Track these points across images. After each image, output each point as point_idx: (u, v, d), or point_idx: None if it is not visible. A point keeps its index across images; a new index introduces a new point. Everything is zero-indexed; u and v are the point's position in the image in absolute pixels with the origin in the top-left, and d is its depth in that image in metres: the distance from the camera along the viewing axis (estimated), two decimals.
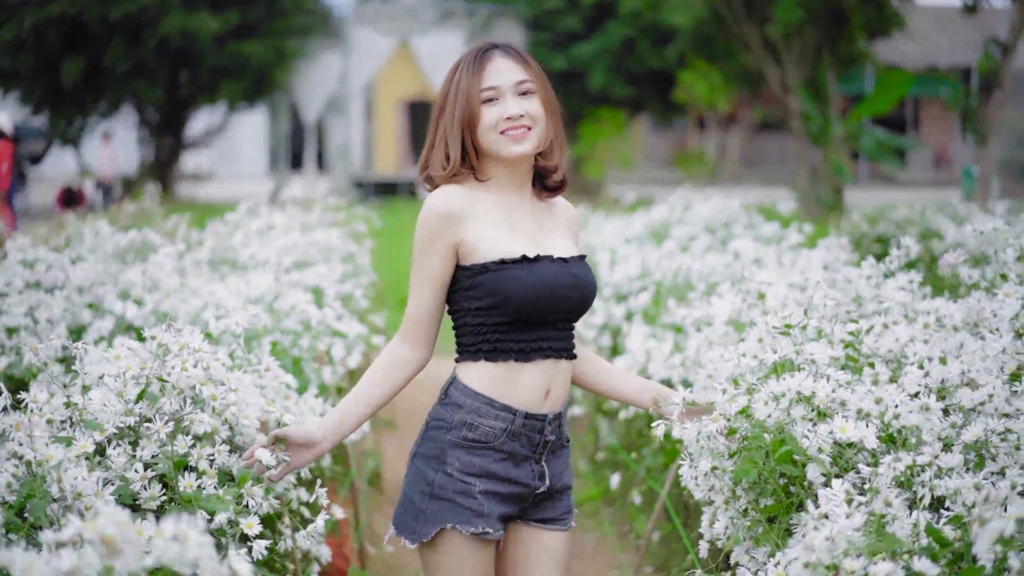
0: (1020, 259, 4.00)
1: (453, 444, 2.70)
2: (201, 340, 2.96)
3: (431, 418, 2.76)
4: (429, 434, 2.74)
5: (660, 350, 4.46)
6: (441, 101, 2.78)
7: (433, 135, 2.79)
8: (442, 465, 2.69)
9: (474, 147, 2.76)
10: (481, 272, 2.69)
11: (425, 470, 2.71)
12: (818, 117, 21.42)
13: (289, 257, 5.67)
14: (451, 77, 2.78)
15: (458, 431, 2.71)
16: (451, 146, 2.74)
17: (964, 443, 2.61)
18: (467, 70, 2.75)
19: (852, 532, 2.14)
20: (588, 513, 5.50)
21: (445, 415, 2.73)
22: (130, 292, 4.87)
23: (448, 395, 2.75)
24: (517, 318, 2.69)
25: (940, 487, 2.39)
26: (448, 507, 2.67)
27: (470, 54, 2.80)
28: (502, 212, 2.77)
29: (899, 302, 3.70)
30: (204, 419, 2.78)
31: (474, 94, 2.73)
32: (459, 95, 2.74)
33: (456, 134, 2.74)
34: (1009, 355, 3.14)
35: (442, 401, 2.76)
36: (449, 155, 2.74)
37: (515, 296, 2.67)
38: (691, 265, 4.93)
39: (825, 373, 2.91)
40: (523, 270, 2.69)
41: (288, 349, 4.23)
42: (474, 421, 2.70)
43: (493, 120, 2.73)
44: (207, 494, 2.62)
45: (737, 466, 2.66)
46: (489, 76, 2.74)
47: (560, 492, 2.85)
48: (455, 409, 2.72)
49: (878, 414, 2.73)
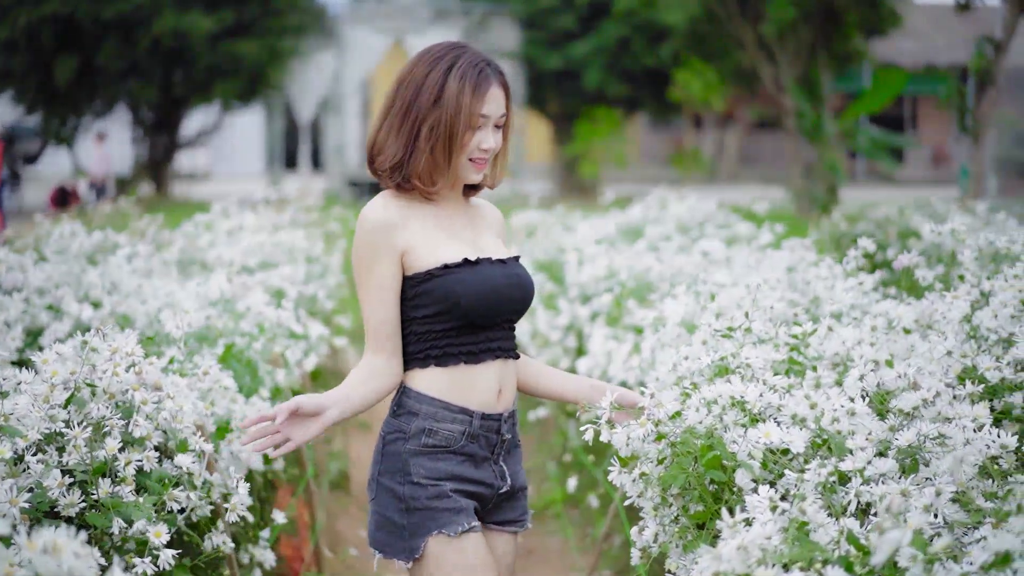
0: (978, 260, 3.98)
1: (414, 453, 2.67)
2: (135, 344, 2.93)
3: (385, 433, 2.71)
4: (387, 450, 2.69)
5: (620, 352, 4.43)
6: (425, 98, 2.64)
7: (399, 123, 2.65)
8: (407, 476, 2.66)
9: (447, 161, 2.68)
10: (426, 279, 2.66)
11: (392, 486, 2.67)
12: (812, 115, 21.38)
13: (253, 258, 5.63)
14: (442, 78, 2.64)
15: (417, 439, 2.67)
16: (427, 153, 2.64)
17: (898, 448, 2.57)
18: (469, 86, 2.64)
19: (766, 540, 2.10)
20: (553, 515, 5.48)
21: (401, 426, 2.68)
22: (90, 294, 4.83)
23: (401, 405, 2.71)
24: (465, 322, 2.68)
25: (865, 493, 2.35)
26: (428, 515, 2.64)
27: (470, 66, 2.67)
28: (437, 219, 2.75)
29: (847, 303, 3.66)
30: (140, 423, 2.76)
31: (475, 115, 2.65)
32: (458, 109, 2.63)
33: (441, 145, 2.64)
34: (955, 358, 3.12)
35: (395, 413, 2.71)
36: (412, 158, 2.65)
37: (463, 300, 2.66)
38: (651, 266, 4.89)
39: (761, 377, 2.88)
40: (467, 273, 2.68)
41: (243, 351, 4.20)
42: (432, 426, 2.67)
43: (472, 147, 2.68)
44: (126, 501, 2.59)
45: (665, 472, 2.62)
46: (487, 102, 2.66)
47: (519, 492, 2.85)
48: (411, 418, 2.68)
49: (814, 419, 2.69)
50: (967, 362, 3.09)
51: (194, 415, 3.02)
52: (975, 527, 2.25)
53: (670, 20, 23.80)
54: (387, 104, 2.70)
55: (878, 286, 4.83)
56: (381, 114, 2.72)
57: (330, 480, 5.85)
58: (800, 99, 21.47)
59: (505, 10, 28.64)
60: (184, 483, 2.75)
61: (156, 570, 2.54)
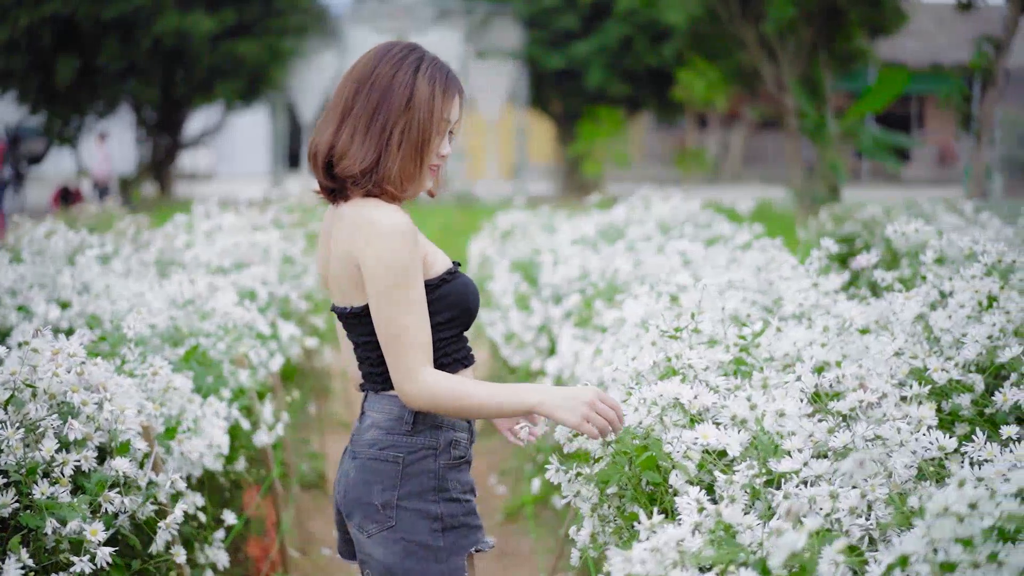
0: (939, 261, 3.97)
1: (449, 467, 2.57)
2: (78, 346, 2.94)
3: (405, 454, 2.54)
4: (411, 470, 2.53)
5: (586, 352, 4.42)
6: (396, 100, 2.52)
7: (366, 126, 2.51)
8: (443, 494, 2.54)
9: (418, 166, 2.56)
10: (439, 285, 2.56)
11: (423, 507, 2.52)
12: (814, 115, 21.32)
13: (228, 259, 5.63)
14: (411, 79, 2.53)
15: (447, 452, 2.57)
16: (399, 158, 2.51)
17: (834, 450, 2.57)
18: (440, 89, 2.55)
19: (685, 542, 2.09)
20: (529, 516, 5.47)
21: (427, 441, 2.55)
22: (62, 295, 4.84)
23: (418, 420, 2.55)
24: (466, 327, 2.63)
25: (794, 495, 2.35)
26: (462, 533, 2.56)
27: (436, 69, 2.57)
28: None
29: (809, 304, 3.65)
30: (75, 425, 2.76)
31: (445, 119, 2.56)
32: (430, 112, 2.53)
33: (413, 150, 2.52)
34: (903, 359, 3.11)
35: (410, 432, 2.55)
36: (384, 163, 2.50)
37: (472, 304, 2.62)
38: (619, 266, 4.89)
39: (703, 378, 2.88)
40: (465, 277, 2.64)
41: (206, 351, 4.21)
42: (455, 437, 2.59)
43: (437, 153, 2.58)
44: (61, 501, 2.59)
45: (600, 472, 2.62)
46: (454, 109, 2.58)
47: None
48: (435, 431, 2.56)
49: (755, 420, 2.69)
50: (917, 363, 3.08)
51: (140, 416, 3.02)
52: (908, 530, 2.24)
53: (671, 19, 23.75)
54: (345, 105, 2.55)
55: (849, 286, 4.82)
56: (337, 116, 2.57)
57: (306, 480, 5.85)
58: (802, 99, 21.41)
59: (507, 10, 28.64)
60: (120, 484, 2.74)
61: (93, 568, 2.54)
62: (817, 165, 21.55)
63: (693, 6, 22.80)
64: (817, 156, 21.54)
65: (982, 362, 3.17)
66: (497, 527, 5.64)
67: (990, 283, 3.36)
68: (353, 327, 2.60)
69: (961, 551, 1.84)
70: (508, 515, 5.69)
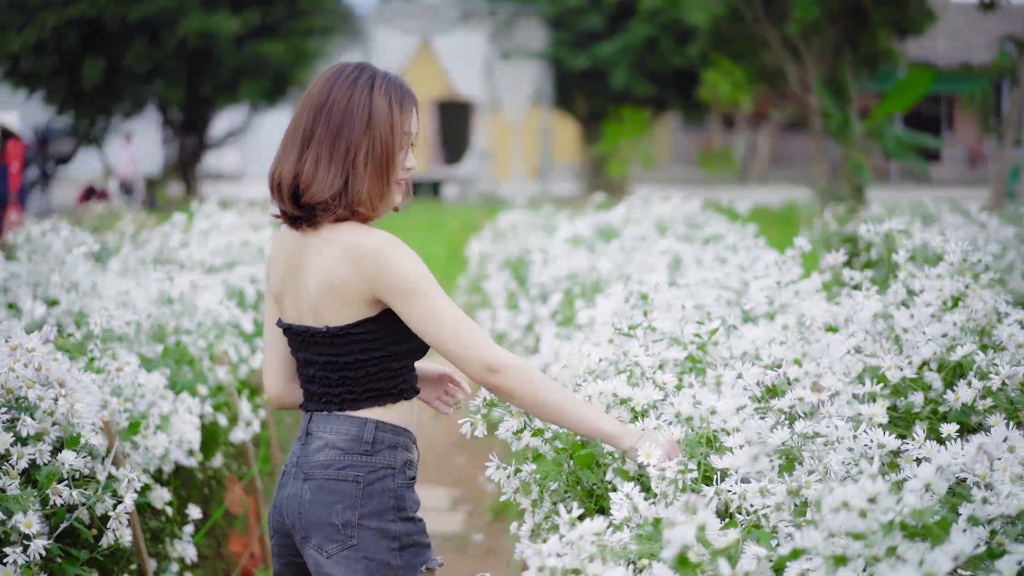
0: (912, 259, 3.96)
1: (405, 486, 2.60)
2: (38, 342, 2.99)
3: (366, 473, 2.55)
4: (371, 489, 2.55)
5: (564, 350, 4.44)
6: (355, 121, 2.52)
7: (329, 152, 2.51)
8: (400, 512, 2.58)
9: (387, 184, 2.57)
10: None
11: (383, 526, 2.55)
12: (838, 115, 21.22)
13: (220, 258, 5.69)
14: (367, 98, 2.53)
15: (403, 472, 2.60)
16: (367, 179, 2.52)
17: (773, 447, 2.57)
18: (396, 104, 2.56)
19: (599, 536, 2.11)
20: (514, 515, 5.49)
21: (386, 461, 2.57)
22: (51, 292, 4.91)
23: (377, 440, 2.57)
24: (418, 358, 2.65)
25: (726, 493, 2.36)
26: (416, 551, 2.60)
27: (390, 84, 2.57)
28: None
29: (766, 302, 3.66)
30: (27, 421, 2.81)
31: (405, 133, 2.57)
32: (391, 128, 2.54)
33: (378, 168, 2.53)
34: (859, 357, 3.11)
35: (368, 451, 2.56)
36: (352, 186, 2.50)
37: None
38: (602, 266, 4.91)
39: (651, 376, 2.89)
40: None
41: (185, 348, 4.26)
42: (409, 457, 2.63)
43: (402, 167, 2.59)
44: (9, 494, 2.64)
45: (539, 468, 2.64)
46: (413, 121, 2.59)
47: None
48: (392, 451, 2.59)
49: (700, 417, 2.70)
50: (873, 361, 3.09)
51: (98, 412, 3.06)
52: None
53: (693, 19, 23.70)
54: (305, 132, 2.54)
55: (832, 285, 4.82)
56: (298, 143, 2.54)
57: None
58: (826, 99, 21.32)
59: (532, 10, 28.67)
60: (68, 478, 2.78)
61: (27, 560, 2.58)
62: (841, 165, 21.46)
63: (716, 6, 22.74)
64: (841, 156, 21.46)
65: (944, 360, 3.17)
66: (486, 526, 5.67)
67: (957, 283, 3.37)
68: (322, 346, 2.57)
69: (860, 546, 1.85)
70: (496, 513, 5.72)
